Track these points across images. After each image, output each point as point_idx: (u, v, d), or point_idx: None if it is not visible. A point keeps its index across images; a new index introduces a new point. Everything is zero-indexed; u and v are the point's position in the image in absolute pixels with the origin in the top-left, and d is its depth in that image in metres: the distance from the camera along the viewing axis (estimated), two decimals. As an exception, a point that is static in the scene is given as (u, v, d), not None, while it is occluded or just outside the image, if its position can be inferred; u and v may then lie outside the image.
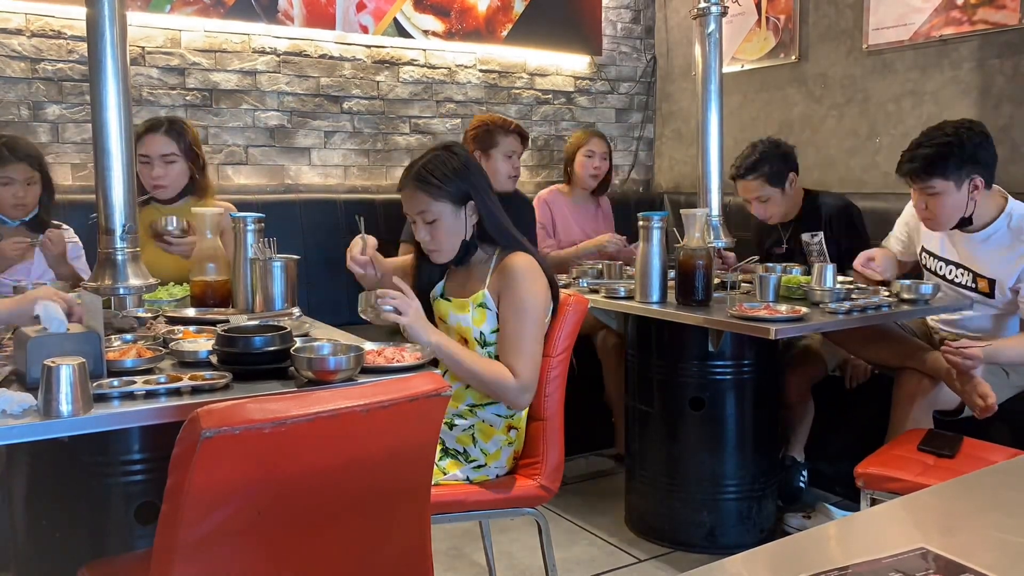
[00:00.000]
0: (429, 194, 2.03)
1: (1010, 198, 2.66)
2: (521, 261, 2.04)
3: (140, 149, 2.81)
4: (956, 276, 2.74)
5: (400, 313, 1.87)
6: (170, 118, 2.95)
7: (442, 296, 2.17)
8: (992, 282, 2.64)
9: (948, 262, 2.77)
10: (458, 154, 2.09)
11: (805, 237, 3.19)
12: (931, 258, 2.84)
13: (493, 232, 2.08)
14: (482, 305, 2.05)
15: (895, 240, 2.98)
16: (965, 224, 2.62)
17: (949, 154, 2.48)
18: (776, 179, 3.11)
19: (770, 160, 3.11)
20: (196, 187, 2.92)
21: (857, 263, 2.83)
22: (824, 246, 3.14)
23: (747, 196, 3.17)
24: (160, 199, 2.86)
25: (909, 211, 2.92)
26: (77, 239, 2.81)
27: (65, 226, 2.76)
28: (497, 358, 2.02)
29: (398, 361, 1.74)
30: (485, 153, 3.42)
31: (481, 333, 2.05)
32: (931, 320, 2.90)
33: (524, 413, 2.10)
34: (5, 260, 2.57)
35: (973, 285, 2.69)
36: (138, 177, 2.82)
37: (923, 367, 2.58)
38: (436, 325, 2.13)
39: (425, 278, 2.19)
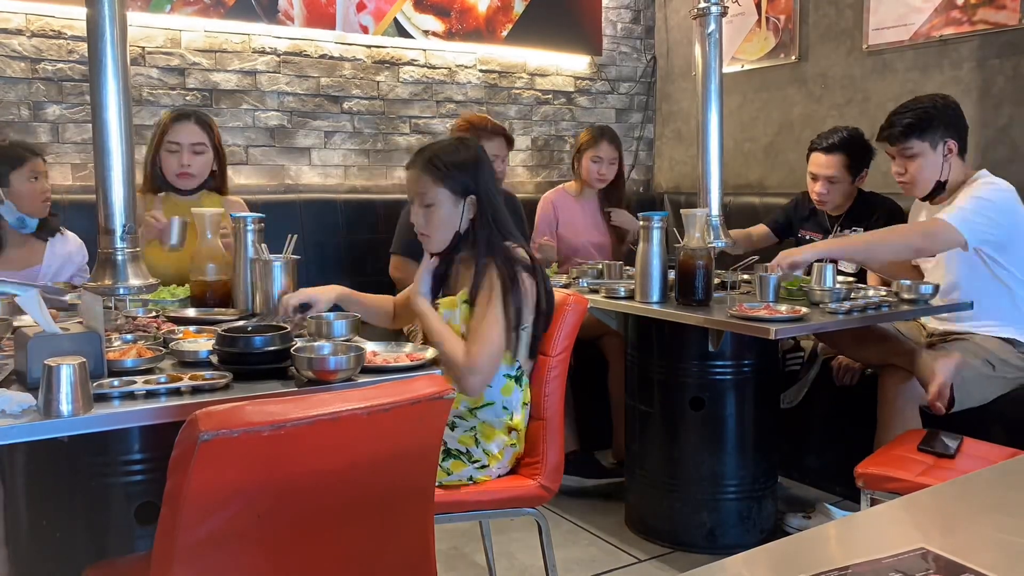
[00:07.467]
0: (432, 178, 2.04)
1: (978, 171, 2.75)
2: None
3: (169, 136, 2.80)
4: None
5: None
6: (196, 110, 2.95)
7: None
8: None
9: None
10: (471, 148, 2.11)
11: (845, 232, 3.19)
12: None
13: (483, 235, 2.05)
14: (467, 302, 2.04)
15: None
16: (939, 191, 2.72)
17: (926, 117, 2.68)
18: (853, 167, 3.12)
19: (855, 147, 3.12)
20: (215, 182, 2.93)
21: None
22: None
23: (817, 171, 3.15)
24: (183, 189, 2.85)
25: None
26: (81, 243, 2.75)
27: (68, 232, 2.73)
28: None
29: (398, 362, 1.74)
30: None
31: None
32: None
33: (523, 415, 2.07)
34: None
35: None
36: (150, 165, 2.82)
37: (906, 364, 2.59)
38: None
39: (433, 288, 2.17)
